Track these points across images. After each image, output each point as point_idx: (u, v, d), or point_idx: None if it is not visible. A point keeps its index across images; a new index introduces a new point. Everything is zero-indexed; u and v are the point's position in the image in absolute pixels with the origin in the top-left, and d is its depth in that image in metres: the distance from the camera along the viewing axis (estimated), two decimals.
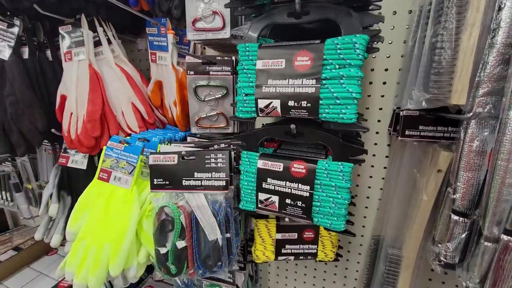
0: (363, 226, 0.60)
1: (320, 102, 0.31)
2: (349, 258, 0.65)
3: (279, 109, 0.34)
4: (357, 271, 0.66)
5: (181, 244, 0.45)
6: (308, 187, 0.37)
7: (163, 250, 0.45)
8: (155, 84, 0.62)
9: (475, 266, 0.34)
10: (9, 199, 0.98)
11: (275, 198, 0.40)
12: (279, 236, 0.52)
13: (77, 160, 0.59)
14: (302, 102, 0.32)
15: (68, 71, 0.56)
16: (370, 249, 0.54)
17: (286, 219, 0.43)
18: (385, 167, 0.58)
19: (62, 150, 0.60)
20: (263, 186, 0.40)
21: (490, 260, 0.32)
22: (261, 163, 0.40)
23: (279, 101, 0.34)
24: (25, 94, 0.55)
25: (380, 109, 0.56)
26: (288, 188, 0.39)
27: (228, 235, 0.46)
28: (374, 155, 0.58)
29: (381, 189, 0.58)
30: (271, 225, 0.52)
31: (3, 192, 0.99)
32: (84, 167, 0.58)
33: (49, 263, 0.93)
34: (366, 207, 0.59)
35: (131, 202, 0.47)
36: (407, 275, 0.49)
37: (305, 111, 0.32)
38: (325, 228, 0.40)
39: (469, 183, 0.36)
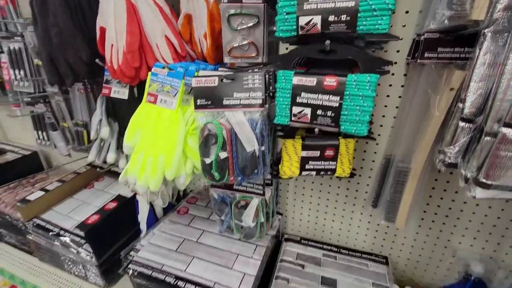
0: (377, 144, 0.68)
1: (359, 14, 0.36)
2: (360, 179, 0.74)
3: (319, 25, 0.39)
4: (366, 192, 0.75)
5: (223, 155, 0.53)
6: (338, 98, 0.43)
7: (207, 160, 0.54)
8: (185, 17, 0.65)
9: (474, 158, 0.41)
10: (45, 138, 1.07)
11: (308, 111, 0.46)
12: (304, 153, 0.59)
13: (119, 91, 0.64)
14: (342, 16, 0.37)
15: (105, 3, 0.59)
16: (381, 166, 0.63)
17: (316, 130, 0.50)
18: (399, 96, 0.63)
19: (104, 82, 0.65)
20: (297, 101, 0.46)
21: (488, 150, 0.39)
22: (296, 80, 0.45)
23: (320, 16, 0.38)
24: (67, 25, 0.58)
25: (401, 39, 0.59)
26: (320, 100, 0.45)
27: (263, 148, 0.53)
28: (390, 85, 0.63)
29: (394, 117, 0.65)
30: (297, 144, 0.59)
31: (40, 132, 1.07)
32: (125, 97, 0.64)
33: (89, 194, 1.05)
34: (381, 125, 0.66)
35: (177, 121, 0.54)
36: (412, 184, 0.57)
37: (343, 24, 0.37)
38: (348, 136, 0.47)
39: (478, 92, 0.42)
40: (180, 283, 0.60)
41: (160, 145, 0.53)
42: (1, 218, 0.99)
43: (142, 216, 0.80)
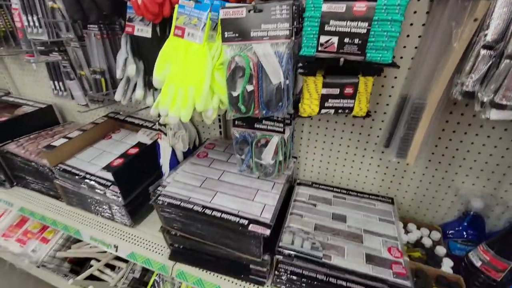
0: (392, 87, 0.70)
1: None
2: (373, 123, 0.77)
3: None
4: (377, 136, 0.79)
5: (250, 87, 0.55)
6: (366, 24, 0.45)
7: (234, 94, 0.56)
8: None
9: (492, 82, 0.44)
10: (62, 88, 1.09)
11: (335, 39, 0.48)
12: (324, 91, 0.62)
13: (142, 29, 0.65)
14: None
15: None
16: (397, 105, 0.65)
17: (341, 59, 0.52)
18: (419, 36, 0.64)
19: (127, 20, 0.66)
20: (325, 29, 0.48)
21: (507, 73, 0.42)
22: (325, 7, 0.47)
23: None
24: None
25: None
26: (348, 28, 0.46)
27: (287, 81, 0.56)
28: (411, 24, 0.64)
29: (412, 58, 0.66)
30: (318, 81, 0.62)
31: (56, 82, 1.08)
32: (149, 35, 0.65)
33: (108, 144, 1.09)
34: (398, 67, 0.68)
35: (204, 55, 0.56)
36: (426, 120, 0.61)
37: None
38: (368, 74, 0.49)
39: (501, 18, 0.43)
40: (208, 211, 0.66)
41: (189, 78, 0.55)
42: (27, 165, 1.04)
43: (164, 159, 0.85)
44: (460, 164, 0.74)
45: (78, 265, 1.23)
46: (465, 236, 0.77)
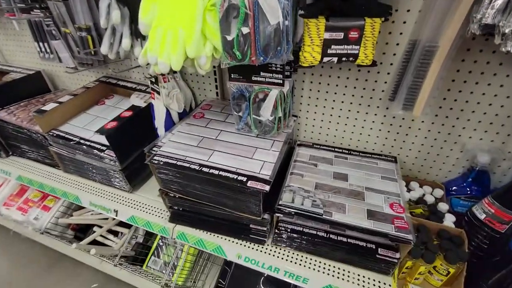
0: (401, 33, 0.65)
1: None
2: (378, 76, 0.73)
3: None
4: (382, 91, 0.75)
5: (245, 30, 0.50)
6: None
7: (229, 37, 0.52)
8: None
9: None
10: (48, 50, 1.03)
11: None
12: (327, 35, 0.57)
13: None
14: None
15: None
16: (404, 52, 0.61)
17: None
18: None
19: None
20: None
21: None
22: None
23: None
24: None
25: None
26: None
27: (287, 22, 0.51)
28: None
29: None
30: (320, 25, 0.56)
31: (41, 44, 1.02)
32: None
33: (101, 110, 1.05)
34: (408, 10, 0.62)
35: None
36: (437, 65, 0.56)
37: None
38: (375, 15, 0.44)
39: None
40: (205, 169, 0.64)
41: (179, 19, 0.50)
42: (20, 133, 1.01)
43: (159, 120, 0.82)
44: (469, 117, 0.71)
45: (81, 232, 1.25)
46: (469, 192, 0.75)
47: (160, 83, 0.74)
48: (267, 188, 0.59)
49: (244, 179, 0.61)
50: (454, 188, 0.78)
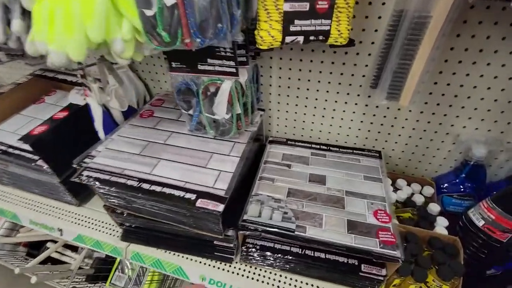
0: (383, 4, 0.52)
1: None
2: (357, 58, 0.60)
3: None
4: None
5: (170, 0, 0.36)
6: None
7: (149, 12, 0.37)
8: None
9: None
10: None
11: None
12: (287, 6, 0.43)
13: None
14: None
15: None
16: (388, 27, 0.48)
17: None
18: None
19: None
20: None
21: None
22: None
23: None
24: None
25: None
26: None
27: None
28: None
29: None
30: None
31: None
32: None
33: (39, 109, 0.89)
34: None
35: None
36: (430, 40, 0.44)
37: None
38: None
39: None
40: (145, 185, 0.51)
41: None
42: None
43: (98, 122, 0.67)
44: (463, 104, 0.60)
45: (34, 248, 1.11)
46: (462, 189, 0.66)
47: (89, 77, 0.58)
48: (220, 208, 0.47)
49: (193, 196, 0.49)
50: (446, 185, 0.68)
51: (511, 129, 0.60)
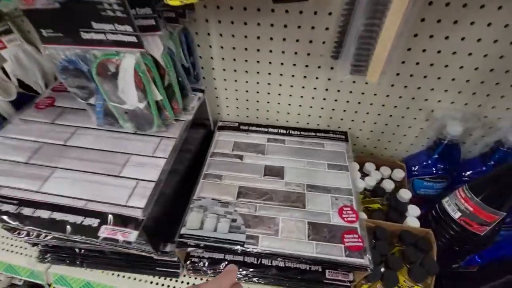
0: None
1: None
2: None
3: None
4: (324, 42, 0.50)
5: None
6: None
7: None
8: None
9: None
10: None
11: None
12: None
13: None
14: None
15: None
16: None
17: None
18: None
19: None
20: None
21: None
22: None
23: None
24: None
25: None
26: None
27: None
28: None
29: None
30: None
31: None
32: None
33: None
34: None
35: None
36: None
37: None
38: None
39: None
40: (26, 211, 0.36)
41: None
42: None
43: None
44: (440, 74, 0.50)
45: None
46: (434, 171, 0.59)
47: None
48: (132, 237, 0.34)
49: (95, 223, 0.35)
50: (417, 167, 0.61)
51: (490, 102, 0.52)
